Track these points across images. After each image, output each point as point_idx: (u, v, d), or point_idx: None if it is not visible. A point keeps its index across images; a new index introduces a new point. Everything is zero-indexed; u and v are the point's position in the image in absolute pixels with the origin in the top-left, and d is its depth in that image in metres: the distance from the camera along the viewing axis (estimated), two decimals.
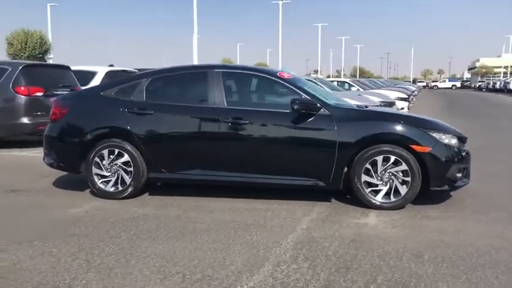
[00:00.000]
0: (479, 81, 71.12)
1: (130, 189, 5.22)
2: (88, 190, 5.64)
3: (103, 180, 5.29)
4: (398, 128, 4.85)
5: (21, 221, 4.52)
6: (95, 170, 5.27)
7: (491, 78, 78.65)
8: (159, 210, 4.86)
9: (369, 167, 4.82)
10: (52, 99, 5.79)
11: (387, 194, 4.84)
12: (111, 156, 5.25)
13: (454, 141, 4.94)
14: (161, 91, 5.49)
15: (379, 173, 4.83)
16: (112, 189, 5.26)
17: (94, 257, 3.57)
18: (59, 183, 6.06)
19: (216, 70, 5.27)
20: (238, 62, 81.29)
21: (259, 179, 5.08)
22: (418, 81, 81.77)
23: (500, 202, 5.18)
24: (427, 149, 4.75)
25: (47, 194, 5.55)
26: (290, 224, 4.41)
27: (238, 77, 5.52)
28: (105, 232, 4.17)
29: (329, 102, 5.08)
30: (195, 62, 28.97)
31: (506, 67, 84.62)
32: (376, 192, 4.86)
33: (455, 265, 3.42)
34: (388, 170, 4.81)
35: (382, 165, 4.81)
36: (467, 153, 5.05)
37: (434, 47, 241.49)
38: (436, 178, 4.79)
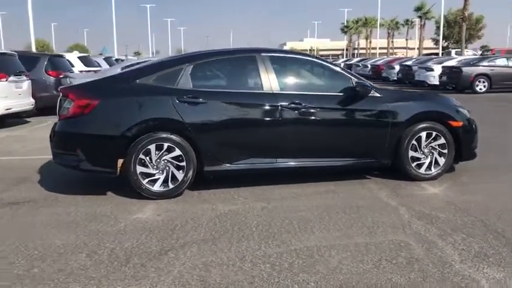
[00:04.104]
0: None
1: (185, 186, 4.74)
2: (109, 192, 4.92)
3: (149, 179, 4.68)
4: (439, 106, 5.42)
5: (106, 236, 3.79)
6: (139, 169, 4.63)
7: None
8: (234, 206, 4.54)
9: (415, 142, 5.27)
10: (65, 90, 4.77)
11: (429, 166, 5.37)
12: (157, 152, 4.67)
13: (469, 115, 5.69)
14: (208, 77, 5.06)
15: (422, 147, 5.31)
16: (161, 188, 4.69)
17: (270, 259, 3.30)
18: (57, 189, 5.08)
19: (262, 54, 5.07)
20: (53, 43, 74.08)
21: (317, 162, 5.13)
22: None
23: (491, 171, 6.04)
24: (461, 124, 5.40)
25: (73, 203, 4.62)
26: (376, 202, 4.61)
27: (285, 61, 5.38)
28: (227, 235, 3.79)
29: (375, 85, 5.34)
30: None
31: (311, 50, 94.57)
32: (419, 165, 5.35)
33: None
34: (430, 145, 5.33)
35: (425, 140, 5.30)
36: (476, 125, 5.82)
37: (251, 31, 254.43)
38: (466, 149, 5.48)
